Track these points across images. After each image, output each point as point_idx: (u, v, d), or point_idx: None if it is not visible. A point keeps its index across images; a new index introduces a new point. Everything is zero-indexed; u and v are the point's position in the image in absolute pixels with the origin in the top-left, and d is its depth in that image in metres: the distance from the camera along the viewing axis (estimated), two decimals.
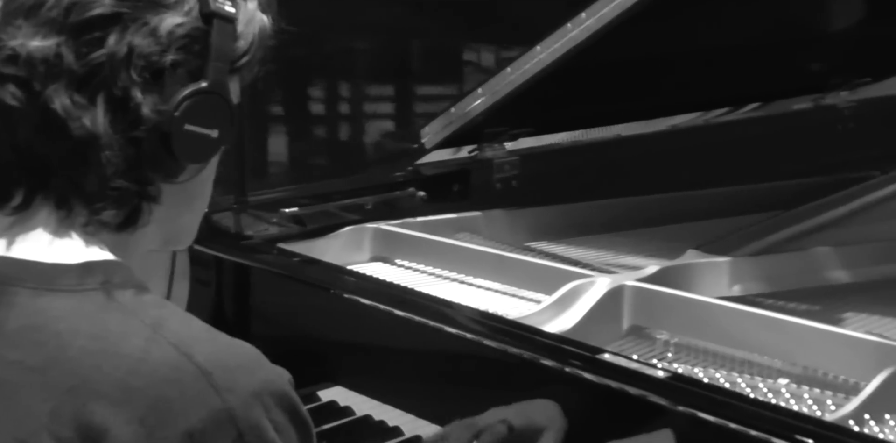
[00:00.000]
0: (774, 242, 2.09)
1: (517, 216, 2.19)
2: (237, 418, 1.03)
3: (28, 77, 1.07)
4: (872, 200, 2.37)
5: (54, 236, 1.11)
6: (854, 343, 1.61)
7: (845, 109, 2.76)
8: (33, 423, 1.03)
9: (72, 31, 1.07)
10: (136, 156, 1.09)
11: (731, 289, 1.90)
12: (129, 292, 1.09)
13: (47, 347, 1.05)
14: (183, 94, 1.09)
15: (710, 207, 2.31)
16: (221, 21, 1.11)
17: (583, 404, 1.57)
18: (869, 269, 2.00)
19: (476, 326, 1.67)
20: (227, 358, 1.06)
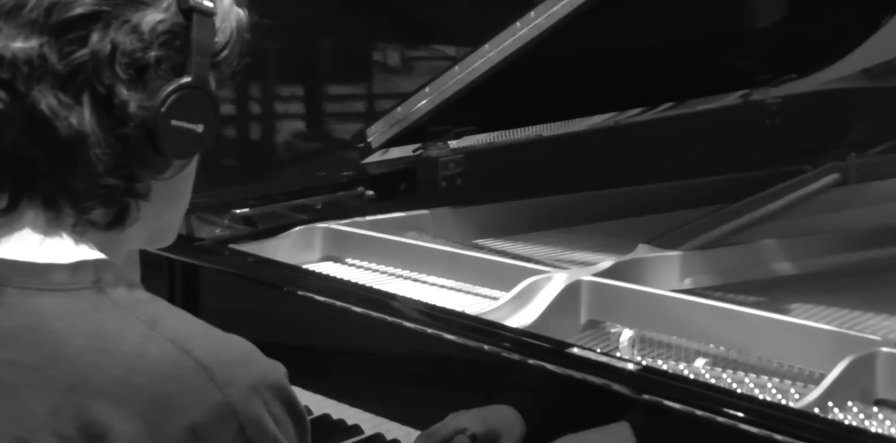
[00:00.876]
0: (719, 235, 2.14)
1: (464, 214, 2.21)
2: (238, 412, 1.04)
3: (11, 79, 1.07)
4: (806, 193, 2.44)
5: (44, 237, 1.11)
6: (810, 333, 1.65)
7: (772, 105, 2.82)
8: (34, 421, 1.03)
9: (53, 31, 1.07)
10: (123, 153, 1.09)
11: (682, 282, 1.93)
12: (122, 290, 1.10)
13: (44, 346, 1.05)
14: (168, 89, 1.09)
15: (651, 203, 2.35)
16: (200, 16, 1.12)
17: (553, 398, 1.59)
18: (811, 260, 2.05)
19: (436, 321, 1.67)
20: (225, 352, 1.07)
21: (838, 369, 1.53)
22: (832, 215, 2.35)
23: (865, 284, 2.03)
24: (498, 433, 1.59)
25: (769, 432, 1.30)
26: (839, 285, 2.01)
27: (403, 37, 6.54)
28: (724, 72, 2.77)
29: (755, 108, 2.80)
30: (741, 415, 1.34)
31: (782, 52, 2.83)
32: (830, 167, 2.53)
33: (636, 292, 1.77)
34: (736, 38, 2.77)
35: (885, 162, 2.64)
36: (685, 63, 2.60)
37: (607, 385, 1.45)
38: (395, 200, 2.18)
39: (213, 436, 1.03)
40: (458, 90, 2.06)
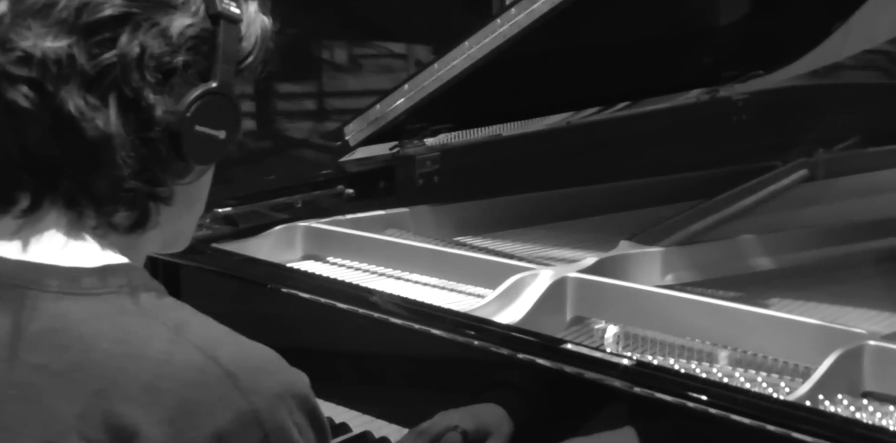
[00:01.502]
0: (696, 231, 2.16)
1: (443, 211, 2.21)
2: (263, 421, 1.04)
3: (40, 78, 1.06)
4: (778, 189, 2.47)
5: (67, 239, 1.11)
6: (796, 327, 1.67)
7: (739, 101, 2.85)
8: (61, 425, 1.03)
9: (83, 31, 1.07)
10: (148, 156, 1.09)
11: (664, 278, 1.95)
12: (151, 295, 1.10)
13: (71, 350, 1.05)
14: (194, 95, 1.09)
15: (626, 199, 2.36)
16: (227, 22, 1.12)
17: (540, 395, 1.60)
18: (788, 255, 2.07)
19: (424, 317, 1.68)
20: (250, 360, 1.07)
21: (827, 363, 1.55)
22: (803, 211, 2.38)
23: (841, 278, 2.06)
24: (487, 430, 1.60)
25: (785, 430, 1.32)
26: (816, 280, 2.04)
27: (357, 34, 6.54)
28: (692, 69, 2.79)
29: (722, 104, 2.83)
30: (748, 410, 1.36)
31: (748, 48, 2.85)
32: (799, 163, 2.56)
33: (622, 288, 1.79)
34: (703, 35, 2.80)
35: (851, 157, 2.68)
36: (656, 60, 2.62)
37: (602, 380, 1.47)
38: (374, 198, 2.18)
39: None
40: (437, 88, 2.06)
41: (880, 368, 1.58)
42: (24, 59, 1.06)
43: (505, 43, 1.97)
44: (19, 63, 1.06)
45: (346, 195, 2.14)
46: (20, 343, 1.06)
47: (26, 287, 1.08)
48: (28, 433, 1.03)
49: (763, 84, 2.91)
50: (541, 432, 1.60)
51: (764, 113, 2.88)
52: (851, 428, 1.37)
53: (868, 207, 2.40)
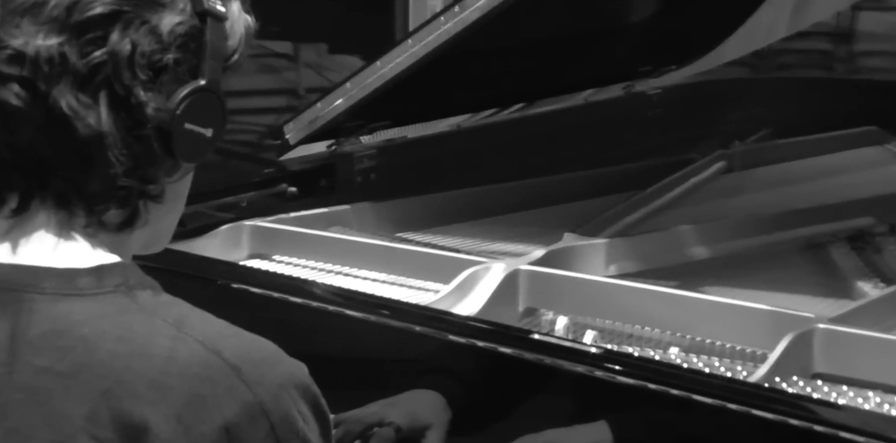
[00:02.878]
0: (631, 222, 2.22)
1: (383, 208, 2.24)
2: (269, 411, 1.06)
3: (32, 77, 1.06)
4: (700, 180, 2.54)
5: (58, 240, 1.11)
6: (746, 313, 1.74)
7: (653, 96, 2.92)
8: (70, 427, 1.03)
9: (74, 30, 1.07)
10: (140, 154, 1.09)
11: (608, 269, 2.01)
12: (148, 293, 1.10)
13: (74, 351, 1.05)
14: (183, 92, 1.10)
15: (556, 193, 2.41)
16: (213, 20, 1.12)
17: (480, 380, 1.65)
18: (723, 244, 2.14)
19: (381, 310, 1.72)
20: (252, 353, 1.08)
21: (782, 346, 1.62)
22: (727, 201, 2.46)
23: (770, 266, 2.14)
24: (424, 423, 1.63)
25: (782, 417, 1.39)
26: (748, 268, 2.11)
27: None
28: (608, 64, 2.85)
29: (638, 99, 2.90)
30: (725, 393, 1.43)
31: (659, 44, 2.93)
32: (718, 155, 2.64)
33: (575, 279, 1.84)
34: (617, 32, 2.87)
35: (765, 149, 2.76)
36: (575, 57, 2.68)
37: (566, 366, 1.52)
38: (316, 196, 2.20)
39: (246, 435, 1.05)
40: (380, 85, 2.09)
41: (829, 350, 1.65)
42: (15, 57, 1.06)
43: (449, 40, 2.00)
44: (10, 62, 1.06)
45: (289, 193, 2.15)
46: (22, 347, 1.06)
47: (23, 290, 1.08)
48: (38, 436, 1.04)
49: (676, 79, 2.99)
50: (480, 418, 1.64)
51: (676, 107, 2.96)
52: (823, 407, 1.43)
53: (785, 197, 2.49)
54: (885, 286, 2.00)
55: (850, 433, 1.35)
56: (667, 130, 2.90)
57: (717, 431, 1.48)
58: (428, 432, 1.60)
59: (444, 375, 1.67)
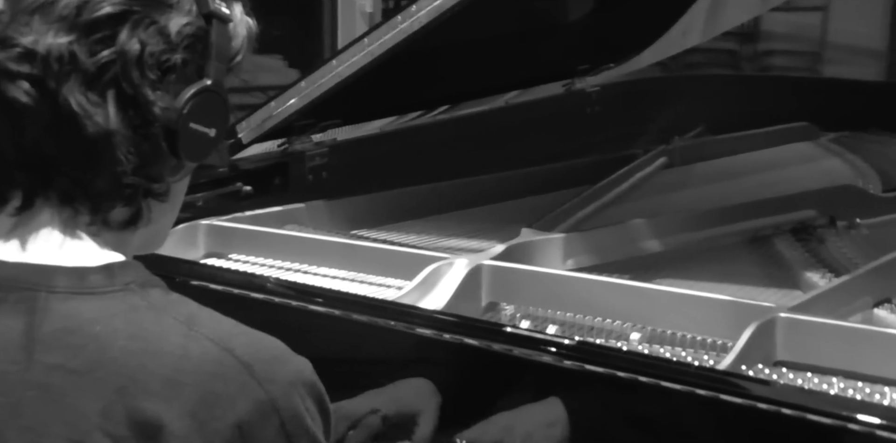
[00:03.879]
0: (583, 217, 2.25)
1: (337, 206, 2.24)
2: (280, 408, 1.07)
3: (42, 75, 1.07)
4: (645, 175, 2.59)
5: (64, 238, 1.11)
6: (707, 304, 1.77)
7: (592, 94, 2.96)
8: (85, 424, 1.04)
9: (83, 29, 1.08)
10: (147, 153, 1.10)
11: (565, 263, 2.03)
12: (157, 291, 1.11)
13: (87, 349, 1.06)
14: (190, 92, 1.11)
15: (505, 190, 2.45)
16: (218, 21, 1.14)
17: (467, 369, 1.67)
18: (675, 238, 2.18)
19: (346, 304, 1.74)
20: (262, 350, 1.10)
21: (746, 335, 1.65)
22: (672, 196, 2.51)
23: (718, 258, 2.19)
24: (413, 411, 1.65)
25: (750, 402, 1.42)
26: (700, 260, 2.15)
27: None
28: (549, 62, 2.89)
29: (578, 96, 2.94)
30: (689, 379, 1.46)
31: (596, 42, 2.97)
32: (660, 151, 2.68)
33: (538, 274, 1.86)
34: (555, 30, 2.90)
35: (703, 145, 2.82)
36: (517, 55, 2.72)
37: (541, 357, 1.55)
38: (270, 194, 2.20)
39: (258, 432, 1.06)
40: (335, 84, 2.09)
41: (790, 338, 1.69)
42: (25, 55, 1.07)
43: (407, 39, 2.02)
44: (20, 60, 1.07)
45: (244, 192, 2.15)
46: (35, 345, 1.06)
47: (34, 289, 1.08)
48: (53, 433, 1.04)
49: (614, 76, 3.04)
50: (474, 411, 1.66)
51: (614, 104, 3.01)
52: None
53: (726, 191, 2.55)
54: (833, 276, 2.05)
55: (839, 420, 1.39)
56: (606, 126, 2.95)
57: (690, 418, 1.51)
58: (419, 421, 1.62)
59: (423, 368, 1.69)
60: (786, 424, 1.42)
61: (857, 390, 1.58)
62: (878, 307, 1.92)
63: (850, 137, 3.01)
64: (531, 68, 2.82)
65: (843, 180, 2.61)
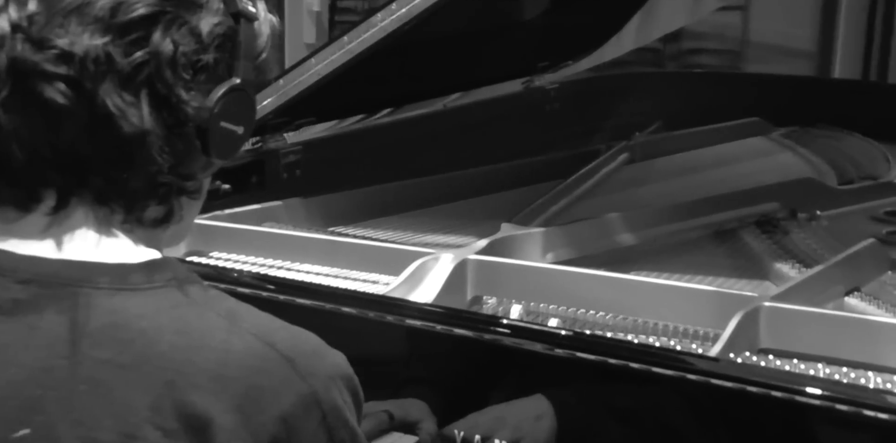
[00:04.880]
0: (557, 212, 2.29)
1: (313, 203, 2.26)
2: (321, 401, 1.10)
3: (79, 76, 1.08)
4: (609, 171, 2.63)
5: (100, 236, 1.13)
6: (692, 294, 1.82)
7: (551, 91, 3.00)
8: (136, 417, 1.05)
9: (118, 30, 1.09)
10: (180, 152, 1.12)
11: (545, 257, 2.07)
12: (196, 287, 1.13)
13: (135, 344, 1.07)
14: (221, 91, 1.13)
15: (475, 186, 2.48)
16: (245, 20, 1.16)
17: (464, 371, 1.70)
18: (649, 231, 2.22)
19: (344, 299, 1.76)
20: (302, 345, 1.12)
21: (733, 324, 1.70)
22: (636, 190, 2.56)
23: (688, 250, 2.24)
24: (415, 418, 1.69)
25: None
26: (671, 253, 2.20)
27: None
28: (508, 61, 2.93)
29: (537, 93, 2.98)
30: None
31: (553, 39, 3.01)
32: (623, 147, 2.73)
33: (526, 268, 1.90)
34: (513, 28, 2.94)
35: (664, 140, 2.87)
36: (477, 52, 2.75)
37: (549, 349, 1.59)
38: (247, 192, 2.21)
39: (301, 425, 1.08)
40: (314, 82, 2.11)
41: (773, 326, 1.74)
42: (62, 57, 1.08)
43: (386, 37, 2.04)
44: (57, 61, 1.08)
45: (223, 190, 2.16)
46: (83, 340, 1.08)
47: (77, 285, 1.10)
48: (104, 426, 1.06)
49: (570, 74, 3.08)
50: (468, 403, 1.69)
51: (573, 101, 3.05)
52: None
53: (688, 185, 2.61)
54: (802, 267, 2.11)
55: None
56: (565, 123, 2.99)
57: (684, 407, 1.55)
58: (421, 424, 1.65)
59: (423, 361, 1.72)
60: (788, 408, 1.47)
61: (842, 375, 1.64)
62: (848, 296, 1.98)
63: (800, 132, 3.08)
64: (491, 66, 2.85)
65: (798, 174, 2.68)
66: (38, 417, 1.06)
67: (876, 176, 2.74)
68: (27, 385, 1.07)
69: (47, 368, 1.07)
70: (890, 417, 1.41)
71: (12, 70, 1.08)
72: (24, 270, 1.10)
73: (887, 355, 1.68)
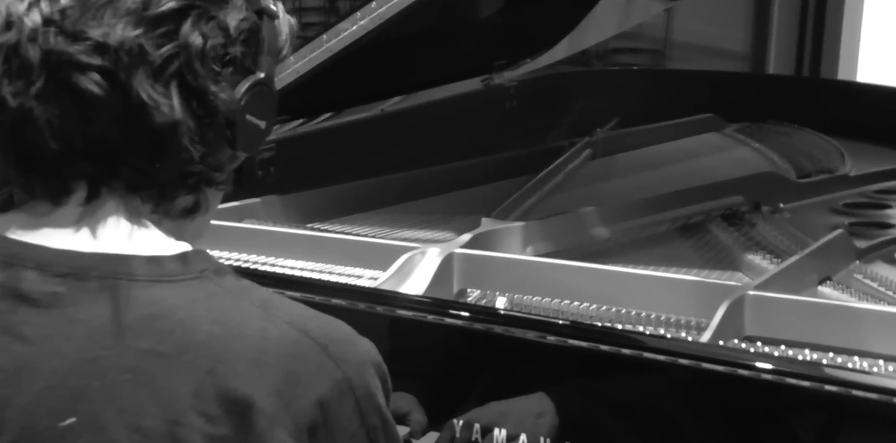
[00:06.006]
0: (530, 207, 2.33)
1: (288, 200, 2.28)
2: (355, 387, 1.12)
3: (113, 67, 1.09)
4: (574, 166, 2.67)
5: (132, 227, 1.14)
6: (676, 284, 1.86)
7: (510, 89, 3.04)
8: (180, 404, 1.07)
9: (151, 22, 1.11)
10: (210, 143, 1.14)
11: (525, 250, 2.10)
12: (229, 278, 1.15)
13: (174, 334, 1.09)
14: (247, 85, 1.15)
15: (445, 182, 2.51)
16: (268, 17, 1.18)
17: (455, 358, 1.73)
18: (622, 224, 2.27)
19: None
20: (334, 332, 1.14)
21: (720, 312, 1.74)
22: (601, 185, 2.60)
23: (660, 243, 2.28)
24: (404, 410, 1.71)
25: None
26: (643, 246, 2.24)
27: None
28: (467, 59, 2.96)
29: (496, 91, 3.01)
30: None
31: (511, 38, 3.05)
32: (586, 143, 2.77)
33: (512, 261, 1.93)
34: (471, 27, 2.98)
35: (625, 136, 2.92)
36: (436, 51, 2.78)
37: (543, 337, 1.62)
38: None
39: (336, 409, 1.11)
40: (293, 80, 2.12)
41: (757, 314, 1.79)
42: (97, 48, 1.09)
43: (365, 36, 2.06)
44: (92, 52, 1.09)
45: None
46: (124, 331, 1.09)
47: (114, 277, 1.11)
48: (149, 414, 1.07)
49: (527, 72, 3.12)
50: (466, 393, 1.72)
51: (531, 98, 3.09)
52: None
53: (651, 179, 2.66)
54: (773, 257, 2.16)
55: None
56: (525, 120, 3.03)
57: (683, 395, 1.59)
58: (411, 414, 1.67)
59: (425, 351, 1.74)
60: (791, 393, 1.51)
61: (829, 359, 1.69)
62: (821, 285, 2.04)
63: (753, 128, 3.14)
64: (452, 64, 2.88)
65: (758, 168, 2.74)
66: (83, 406, 1.07)
67: (832, 169, 2.81)
68: (72, 376, 1.08)
69: (90, 358, 1.08)
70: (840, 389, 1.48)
71: (46, 62, 1.09)
72: (61, 263, 1.11)
73: (869, 339, 1.73)
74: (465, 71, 2.97)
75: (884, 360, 1.68)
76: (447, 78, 2.91)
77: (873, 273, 2.09)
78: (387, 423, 1.16)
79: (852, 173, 2.76)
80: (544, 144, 2.81)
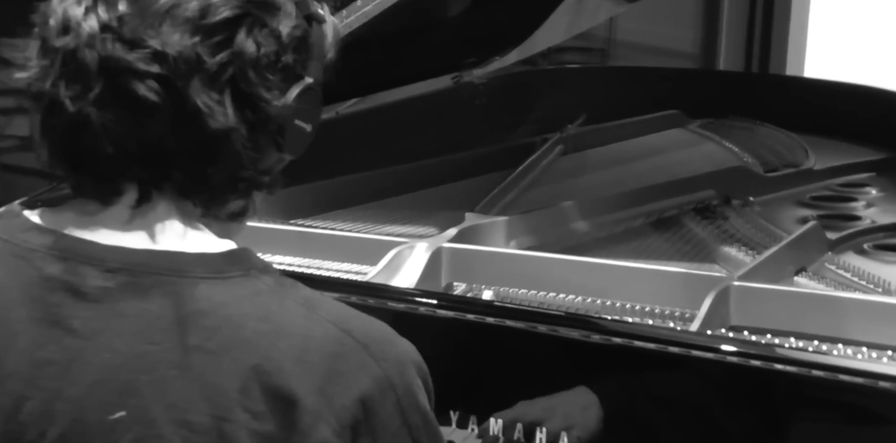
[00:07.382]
0: (510, 202, 2.36)
1: (272, 196, 2.28)
2: (395, 385, 1.15)
3: (170, 75, 1.12)
4: (548, 162, 2.71)
5: (184, 228, 1.17)
6: (661, 276, 1.90)
7: (479, 86, 3.07)
8: (226, 400, 1.10)
9: (206, 31, 1.14)
10: (261, 148, 1.17)
11: (509, 244, 2.13)
12: (273, 276, 1.18)
13: (221, 331, 1.12)
14: (297, 91, 1.18)
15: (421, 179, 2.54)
16: (316, 23, 1.21)
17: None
18: (601, 218, 2.31)
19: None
20: (375, 332, 1.18)
21: (707, 302, 1.78)
22: (574, 181, 2.64)
23: (636, 237, 2.32)
24: None
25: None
26: (620, 240, 2.29)
27: None
28: (438, 56, 2.99)
29: (467, 89, 3.04)
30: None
31: (479, 35, 3.08)
32: (557, 139, 2.81)
33: (499, 254, 1.96)
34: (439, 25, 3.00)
35: (594, 132, 2.96)
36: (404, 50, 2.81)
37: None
38: None
39: (378, 407, 1.14)
40: None
41: (742, 304, 1.83)
42: (155, 56, 1.12)
43: (349, 34, 2.08)
44: (150, 60, 1.12)
45: None
46: (173, 327, 1.12)
47: (165, 274, 1.14)
48: (197, 409, 1.10)
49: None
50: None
51: (500, 95, 3.12)
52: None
53: (623, 175, 2.70)
54: (748, 249, 2.21)
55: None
56: (495, 116, 3.06)
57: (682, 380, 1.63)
58: None
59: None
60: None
61: (814, 347, 1.74)
62: (797, 276, 2.09)
63: (716, 124, 3.20)
64: (421, 63, 2.91)
65: (726, 163, 2.78)
66: (132, 400, 1.10)
67: (797, 164, 2.86)
68: (121, 370, 1.10)
69: (139, 353, 1.11)
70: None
71: (104, 68, 1.12)
72: (112, 259, 1.14)
73: (850, 327, 1.78)
74: (436, 69, 2.99)
75: (866, 347, 1.74)
76: (418, 76, 2.93)
77: (846, 264, 2.15)
78: (429, 422, 1.18)
79: (816, 167, 2.82)
80: (515, 141, 2.84)
